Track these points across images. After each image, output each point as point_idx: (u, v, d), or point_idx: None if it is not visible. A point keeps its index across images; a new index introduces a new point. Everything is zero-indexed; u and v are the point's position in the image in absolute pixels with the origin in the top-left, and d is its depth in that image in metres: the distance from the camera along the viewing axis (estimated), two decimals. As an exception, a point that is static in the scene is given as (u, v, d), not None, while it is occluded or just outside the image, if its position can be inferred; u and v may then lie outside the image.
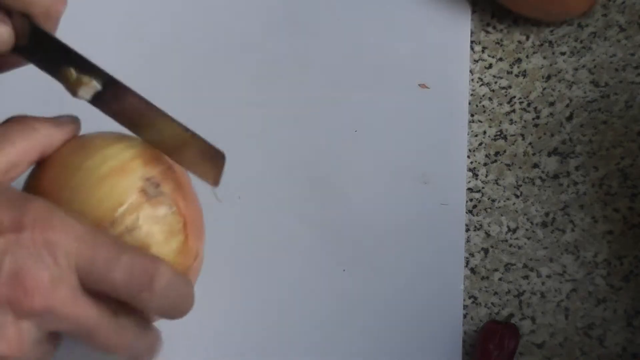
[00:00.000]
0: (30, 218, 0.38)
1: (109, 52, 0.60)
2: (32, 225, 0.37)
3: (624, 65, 0.58)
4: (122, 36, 0.60)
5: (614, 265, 0.54)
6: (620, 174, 0.56)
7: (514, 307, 0.54)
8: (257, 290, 0.54)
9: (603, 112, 0.58)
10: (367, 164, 0.57)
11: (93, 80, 0.42)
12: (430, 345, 0.53)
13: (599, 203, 0.56)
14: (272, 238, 0.55)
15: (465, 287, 0.55)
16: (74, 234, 0.38)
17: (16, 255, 0.37)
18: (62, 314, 0.38)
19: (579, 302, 0.54)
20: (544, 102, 0.58)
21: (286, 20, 0.60)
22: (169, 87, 0.59)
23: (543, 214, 0.56)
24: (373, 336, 0.54)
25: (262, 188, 0.56)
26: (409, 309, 0.54)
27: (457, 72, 0.59)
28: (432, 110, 0.58)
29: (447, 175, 0.57)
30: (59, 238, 0.38)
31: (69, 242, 0.38)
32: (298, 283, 0.54)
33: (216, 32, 0.60)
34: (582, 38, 0.59)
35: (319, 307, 0.54)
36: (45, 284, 0.37)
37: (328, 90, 0.58)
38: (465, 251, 0.55)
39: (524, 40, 0.60)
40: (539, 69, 0.59)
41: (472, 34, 0.60)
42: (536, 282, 0.55)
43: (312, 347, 0.53)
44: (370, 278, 0.55)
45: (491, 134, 0.58)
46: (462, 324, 0.54)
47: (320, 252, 0.55)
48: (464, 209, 0.56)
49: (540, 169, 0.57)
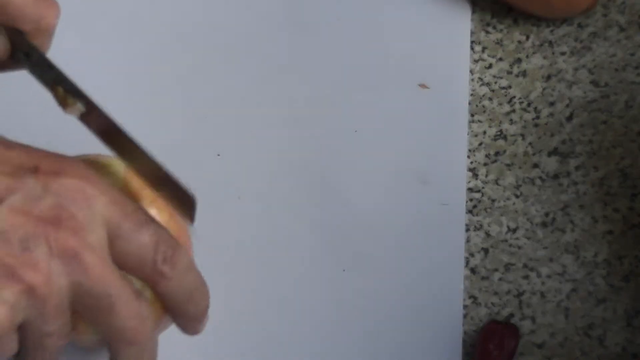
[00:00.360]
0: (72, 168, 0.38)
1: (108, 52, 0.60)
2: (73, 174, 0.38)
3: (624, 65, 0.58)
4: (121, 36, 0.60)
5: (614, 265, 0.54)
6: (620, 174, 0.56)
7: (514, 307, 0.54)
8: (257, 290, 0.54)
9: (603, 112, 0.58)
10: (367, 164, 0.57)
11: (77, 102, 0.42)
12: (430, 345, 0.53)
13: (599, 203, 0.56)
14: (272, 238, 0.55)
15: (465, 287, 0.55)
16: (108, 196, 0.39)
17: (57, 194, 0.37)
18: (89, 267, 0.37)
19: (579, 302, 0.54)
20: (544, 102, 0.58)
21: (286, 20, 0.60)
22: (169, 87, 0.59)
23: (543, 214, 0.56)
24: (373, 336, 0.54)
25: (262, 188, 0.56)
26: (409, 309, 0.54)
27: (457, 72, 0.59)
28: (432, 110, 0.58)
29: (447, 175, 0.57)
30: (95, 194, 0.38)
31: (104, 202, 0.38)
32: (298, 283, 0.54)
33: (216, 32, 0.60)
34: (582, 38, 0.59)
35: (319, 307, 0.54)
36: (81, 227, 0.37)
37: (328, 90, 0.58)
38: (465, 251, 0.55)
39: (524, 40, 0.60)
40: (539, 69, 0.59)
41: (472, 34, 0.60)
42: (536, 282, 0.55)
43: (312, 347, 0.53)
44: (370, 278, 0.55)
45: (491, 134, 0.58)
46: (462, 324, 0.54)
47: (320, 252, 0.55)
48: (464, 209, 0.56)
49: (540, 169, 0.57)
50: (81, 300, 0.38)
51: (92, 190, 0.38)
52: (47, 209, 0.37)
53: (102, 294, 0.38)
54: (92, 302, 0.38)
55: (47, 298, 0.37)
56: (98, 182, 0.39)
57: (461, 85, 0.59)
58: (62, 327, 0.39)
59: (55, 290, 0.37)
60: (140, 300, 0.40)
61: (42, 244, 0.37)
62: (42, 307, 0.37)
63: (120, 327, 0.39)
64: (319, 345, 0.53)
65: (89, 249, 0.38)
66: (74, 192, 0.38)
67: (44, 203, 0.37)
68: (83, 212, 0.38)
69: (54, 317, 0.38)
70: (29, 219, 0.37)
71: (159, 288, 0.40)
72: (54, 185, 0.38)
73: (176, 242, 0.41)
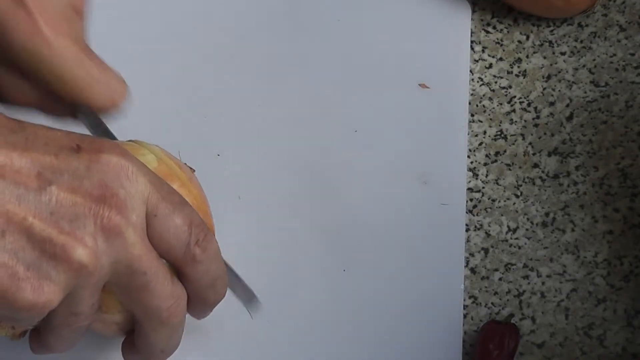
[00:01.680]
0: (112, 147, 0.39)
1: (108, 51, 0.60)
2: (114, 153, 0.39)
3: (624, 65, 0.58)
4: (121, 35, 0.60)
5: (614, 265, 0.54)
6: (620, 174, 0.56)
7: (514, 307, 0.54)
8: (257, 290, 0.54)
9: (603, 112, 0.58)
10: (367, 164, 0.57)
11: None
12: (430, 345, 0.53)
13: (599, 203, 0.56)
14: (272, 238, 0.55)
15: (465, 287, 0.55)
16: (147, 177, 0.39)
17: (100, 172, 0.38)
18: (130, 245, 0.38)
19: (579, 302, 0.54)
20: (544, 102, 0.58)
21: (286, 20, 0.60)
22: (169, 87, 0.59)
23: (543, 214, 0.56)
24: (373, 336, 0.53)
25: (262, 188, 0.56)
26: (409, 309, 0.54)
27: (457, 72, 0.59)
28: (432, 110, 0.58)
29: (447, 175, 0.57)
30: (136, 173, 0.39)
31: (144, 182, 0.39)
32: (298, 283, 0.54)
33: (216, 32, 0.60)
34: (582, 38, 0.59)
35: (319, 307, 0.54)
36: (124, 205, 0.38)
37: (328, 90, 0.58)
38: (465, 251, 0.55)
39: (524, 40, 0.60)
40: (539, 69, 0.59)
41: (472, 34, 0.60)
42: (536, 282, 0.55)
43: (312, 347, 0.53)
44: (370, 278, 0.55)
45: (491, 134, 0.58)
46: (462, 324, 0.54)
47: (320, 252, 0.55)
48: (464, 209, 0.56)
49: (540, 169, 0.57)
50: (119, 278, 0.39)
51: (133, 169, 0.39)
52: (92, 187, 0.37)
53: (139, 272, 0.39)
54: (130, 280, 0.39)
55: (92, 276, 0.37)
56: (138, 162, 0.39)
57: (461, 85, 0.59)
58: (92, 307, 0.39)
59: (99, 268, 0.37)
60: (175, 281, 0.40)
61: (89, 223, 0.37)
62: (85, 283, 0.37)
63: (156, 306, 0.40)
64: (319, 345, 0.53)
65: (132, 227, 0.38)
66: (116, 170, 0.38)
67: (89, 181, 0.37)
68: (125, 190, 0.38)
69: (90, 296, 0.38)
70: (76, 197, 0.37)
71: (187, 270, 0.41)
72: (96, 164, 0.38)
73: (207, 228, 0.42)
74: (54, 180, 0.37)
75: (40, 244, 0.36)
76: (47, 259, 0.36)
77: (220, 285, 0.43)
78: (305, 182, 0.57)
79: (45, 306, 0.36)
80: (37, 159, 0.37)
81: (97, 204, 0.37)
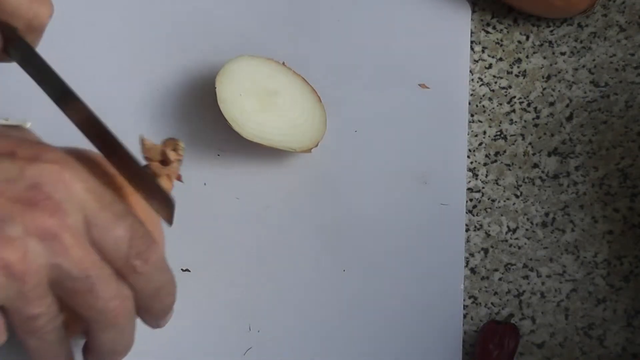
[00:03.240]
0: (50, 154, 0.39)
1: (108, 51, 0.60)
2: (50, 160, 0.38)
3: (624, 65, 0.58)
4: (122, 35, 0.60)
5: (614, 265, 0.54)
6: (620, 174, 0.56)
7: (514, 307, 0.54)
8: (257, 290, 0.54)
9: (603, 112, 0.58)
10: (367, 164, 0.57)
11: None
12: (430, 345, 0.53)
13: (599, 203, 0.56)
14: (272, 238, 0.55)
15: (465, 287, 0.55)
16: (86, 183, 0.39)
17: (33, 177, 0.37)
18: (68, 247, 0.38)
19: (579, 302, 0.54)
20: (544, 102, 0.58)
21: (286, 20, 0.60)
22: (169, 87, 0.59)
23: (543, 214, 0.56)
24: (373, 336, 0.54)
25: (261, 188, 0.56)
26: (409, 309, 0.54)
27: (457, 72, 0.59)
28: (432, 110, 0.58)
29: (447, 175, 0.57)
30: (73, 179, 0.38)
31: (81, 189, 0.39)
32: (298, 283, 0.54)
33: (216, 32, 0.60)
34: (582, 38, 0.59)
35: (319, 307, 0.54)
36: (58, 208, 0.37)
37: (328, 90, 0.58)
38: (465, 251, 0.55)
39: (524, 40, 0.60)
40: (539, 69, 0.59)
41: (472, 34, 0.60)
42: (536, 282, 0.55)
43: (312, 347, 0.53)
44: (370, 278, 0.55)
45: (491, 134, 0.58)
46: (462, 324, 0.54)
47: (320, 252, 0.55)
48: (464, 209, 0.56)
49: (540, 169, 0.57)
50: (62, 283, 0.38)
51: (70, 175, 0.38)
52: (22, 190, 0.37)
53: (81, 275, 0.38)
54: (73, 284, 0.38)
55: (24, 276, 0.37)
56: (76, 169, 0.39)
57: (461, 85, 0.59)
58: (48, 309, 0.39)
59: (34, 268, 0.37)
60: (119, 281, 0.40)
61: (17, 223, 0.37)
62: (20, 285, 0.37)
63: (101, 308, 0.39)
64: (319, 345, 0.53)
65: (68, 231, 0.38)
66: (51, 175, 0.38)
67: (20, 185, 0.37)
68: (60, 194, 0.38)
69: (36, 298, 0.38)
70: (4, 200, 0.37)
71: (129, 280, 0.40)
72: (30, 169, 0.38)
73: (151, 238, 0.41)
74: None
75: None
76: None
77: (165, 294, 0.42)
78: (305, 182, 0.57)
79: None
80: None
81: (27, 206, 0.37)
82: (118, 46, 0.60)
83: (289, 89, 0.56)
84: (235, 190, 0.56)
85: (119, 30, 0.60)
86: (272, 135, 0.55)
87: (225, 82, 0.54)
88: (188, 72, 0.59)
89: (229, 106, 0.54)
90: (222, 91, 0.54)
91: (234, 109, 0.54)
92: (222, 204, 0.56)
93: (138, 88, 0.59)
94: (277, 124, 0.55)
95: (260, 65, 0.56)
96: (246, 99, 0.55)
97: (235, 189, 0.56)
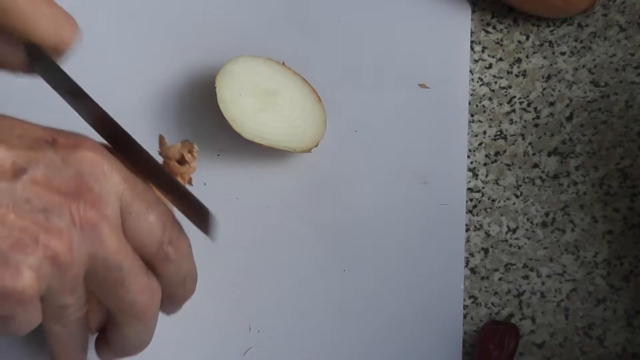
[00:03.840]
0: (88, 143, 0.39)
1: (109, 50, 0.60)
2: (90, 148, 0.39)
3: (624, 65, 0.58)
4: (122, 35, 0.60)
5: (614, 265, 0.54)
6: (620, 174, 0.56)
7: (514, 307, 0.54)
8: (257, 290, 0.54)
9: (603, 112, 0.58)
10: (367, 164, 0.57)
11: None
12: (430, 345, 0.53)
13: (599, 203, 0.56)
14: (272, 238, 0.55)
15: (465, 287, 0.55)
16: (121, 173, 0.39)
17: (75, 166, 0.38)
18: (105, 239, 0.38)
19: (579, 302, 0.54)
20: (544, 102, 0.58)
21: (286, 20, 0.60)
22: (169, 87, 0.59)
23: (543, 214, 0.56)
24: (373, 336, 0.54)
25: (261, 188, 0.56)
26: (409, 309, 0.54)
27: (457, 72, 0.59)
28: (432, 110, 0.58)
29: (447, 175, 0.57)
30: (111, 169, 0.39)
31: (118, 178, 0.39)
32: (298, 283, 0.54)
33: (217, 32, 0.60)
34: (582, 38, 0.59)
35: (319, 307, 0.54)
36: (98, 199, 0.38)
37: (328, 90, 0.58)
38: (465, 251, 0.55)
39: (524, 40, 0.60)
40: (539, 69, 0.59)
41: (472, 34, 0.60)
42: (536, 282, 0.55)
43: (312, 347, 0.53)
44: (370, 278, 0.55)
45: (491, 134, 0.58)
46: (462, 324, 0.54)
47: (320, 252, 0.55)
48: (464, 209, 0.56)
49: (540, 169, 0.57)
50: (95, 274, 0.39)
51: (108, 165, 0.39)
52: (67, 180, 0.38)
53: (115, 267, 0.39)
54: (106, 274, 0.39)
55: (68, 267, 0.37)
56: (112, 158, 0.39)
57: (461, 85, 0.59)
58: (78, 300, 0.39)
59: (76, 259, 0.37)
60: (150, 276, 0.40)
61: (65, 214, 0.37)
62: (63, 275, 0.37)
63: (131, 301, 0.40)
64: (319, 345, 0.53)
65: (106, 221, 0.38)
66: (92, 165, 0.38)
67: (64, 174, 0.38)
68: (100, 185, 0.38)
69: (73, 288, 0.38)
70: (50, 189, 0.37)
71: (160, 267, 0.41)
72: (72, 158, 0.38)
73: (180, 227, 0.41)
74: (29, 171, 0.37)
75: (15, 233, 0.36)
76: (22, 247, 0.36)
77: (190, 283, 0.43)
78: (305, 182, 0.57)
79: (24, 292, 0.36)
80: (12, 150, 0.37)
81: (72, 196, 0.37)
82: (118, 46, 0.60)
83: (289, 89, 0.56)
84: (235, 190, 0.56)
85: (119, 31, 0.60)
86: (272, 135, 0.55)
87: (225, 82, 0.55)
88: (188, 72, 0.59)
89: (229, 106, 0.54)
90: (222, 91, 0.54)
91: (234, 109, 0.54)
92: (222, 204, 0.56)
93: (138, 88, 0.59)
94: (277, 124, 0.55)
95: (260, 65, 0.56)
96: (246, 99, 0.55)
97: (235, 189, 0.56)
